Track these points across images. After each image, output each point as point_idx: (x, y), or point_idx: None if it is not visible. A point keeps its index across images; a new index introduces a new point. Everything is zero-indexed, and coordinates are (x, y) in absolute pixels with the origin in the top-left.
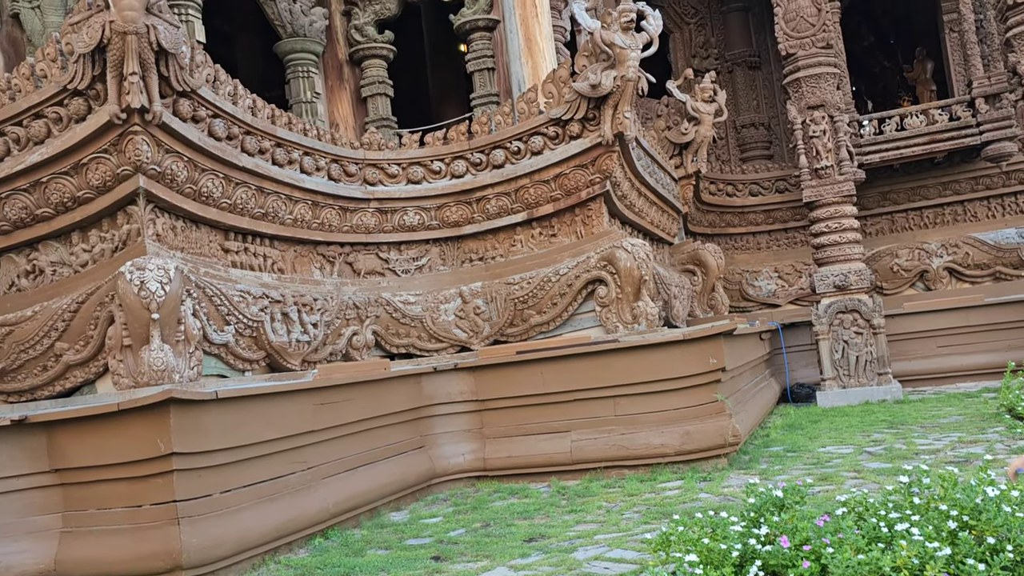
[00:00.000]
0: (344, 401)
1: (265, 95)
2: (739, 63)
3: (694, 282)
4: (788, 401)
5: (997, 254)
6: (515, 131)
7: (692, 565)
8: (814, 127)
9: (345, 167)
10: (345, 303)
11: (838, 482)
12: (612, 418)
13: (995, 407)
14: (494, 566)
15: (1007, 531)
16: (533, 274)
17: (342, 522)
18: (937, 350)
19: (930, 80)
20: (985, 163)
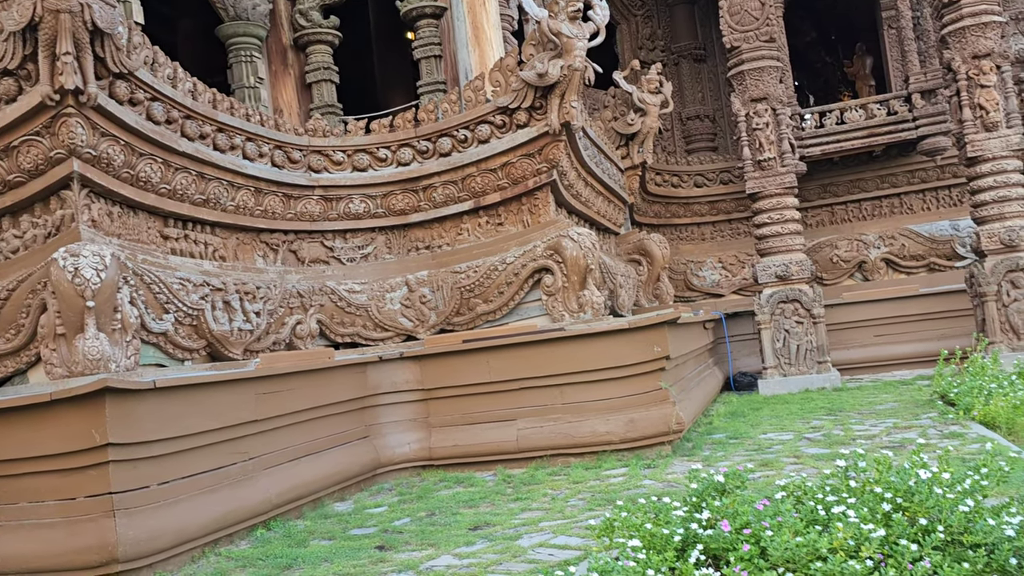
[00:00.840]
0: (287, 391)
1: (207, 80)
2: (685, 55)
3: (640, 272)
4: (731, 389)
5: (932, 246)
6: (462, 119)
7: (635, 550)
8: (757, 119)
9: (289, 154)
10: (289, 292)
11: (778, 467)
12: (558, 406)
13: (928, 394)
14: (439, 554)
15: (938, 512)
16: (480, 263)
17: (285, 513)
18: (874, 339)
19: (869, 75)
20: (921, 157)
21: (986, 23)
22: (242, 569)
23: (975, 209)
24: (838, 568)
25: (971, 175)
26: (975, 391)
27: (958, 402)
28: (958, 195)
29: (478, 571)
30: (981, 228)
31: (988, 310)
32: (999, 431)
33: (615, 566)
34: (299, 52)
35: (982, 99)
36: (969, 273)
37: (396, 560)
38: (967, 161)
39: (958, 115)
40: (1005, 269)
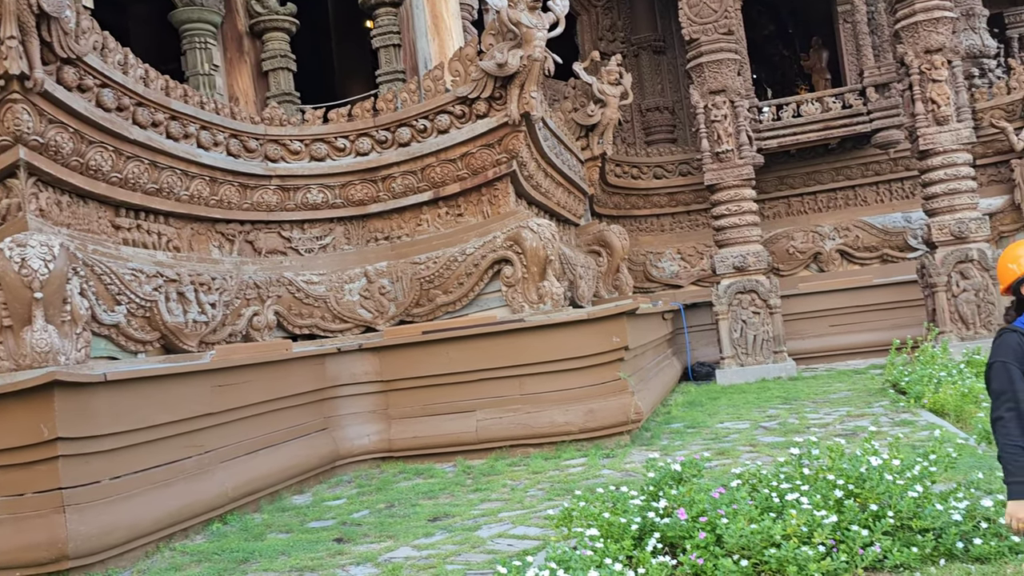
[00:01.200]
0: (244, 383)
1: (160, 67)
2: (645, 47)
3: (599, 263)
4: (690, 379)
5: (885, 237)
6: (421, 109)
7: (593, 539)
8: (715, 112)
9: (245, 142)
10: (245, 282)
11: (735, 456)
12: (517, 397)
13: (881, 383)
14: (398, 546)
15: (888, 498)
16: (439, 254)
17: (242, 506)
18: (829, 329)
19: (825, 69)
20: (875, 150)
21: (938, 18)
22: (197, 564)
23: (926, 201)
24: (791, 554)
25: (923, 168)
26: (925, 380)
27: (909, 390)
28: (910, 187)
29: (437, 562)
30: (932, 220)
31: (938, 300)
32: (948, 418)
33: (573, 555)
34: (255, 39)
35: (934, 93)
36: (920, 264)
37: (354, 552)
38: (919, 154)
39: (911, 109)
40: (955, 260)
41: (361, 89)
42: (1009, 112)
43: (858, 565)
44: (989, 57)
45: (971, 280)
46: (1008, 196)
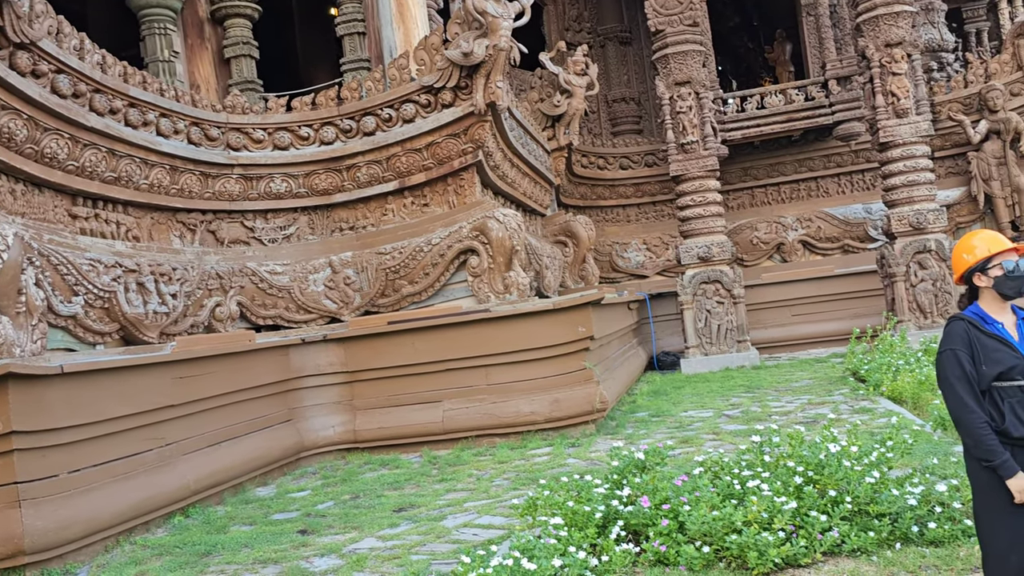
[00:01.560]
0: (206, 374)
1: (119, 53)
2: (611, 38)
3: (565, 253)
4: (655, 368)
5: (846, 228)
6: (386, 98)
7: (557, 528)
8: (681, 103)
9: (206, 131)
10: (207, 273)
11: (698, 444)
12: (484, 387)
13: (841, 371)
14: (362, 537)
15: (847, 484)
16: (405, 244)
17: (205, 499)
18: (792, 318)
19: (788, 61)
20: (836, 142)
21: (898, 12)
22: (158, 558)
23: (886, 193)
24: (752, 540)
25: (883, 160)
26: (884, 368)
27: (868, 378)
28: (871, 179)
29: (401, 553)
30: (892, 211)
31: (897, 290)
32: (906, 405)
33: (537, 544)
34: (216, 25)
35: (894, 86)
36: (880, 255)
37: (319, 544)
38: (879, 146)
39: (871, 101)
40: (913, 251)
41: (325, 77)
42: (966, 105)
43: (817, 550)
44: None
45: (929, 270)
46: (965, 188)
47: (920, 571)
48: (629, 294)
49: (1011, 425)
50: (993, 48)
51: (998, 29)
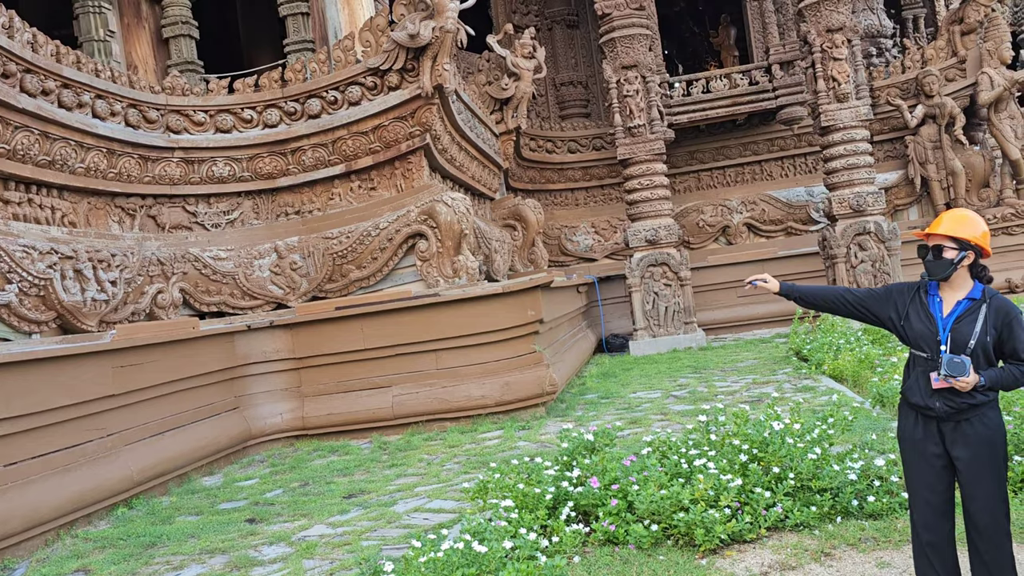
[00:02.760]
0: (148, 363)
1: (51, 32)
2: (558, 21)
3: (515, 237)
4: (604, 351)
5: (789, 211)
6: (332, 80)
7: (508, 510)
8: (628, 86)
9: (145, 113)
10: (148, 259)
11: (646, 424)
12: (434, 372)
13: (785, 351)
14: (312, 524)
15: (790, 461)
16: (352, 228)
17: (149, 490)
18: (737, 300)
19: (733, 46)
20: (780, 126)
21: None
22: (101, 550)
23: (828, 176)
24: (699, 517)
25: (824, 144)
26: (825, 347)
27: (811, 358)
28: (813, 163)
29: (352, 539)
30: (833, 194)
31: (838, 271)
32: (846, 383)
33: (488, 527)
34: (154, 4)
35: (834, 71)
36: (822, 236)
37: (267, 532)
38: (821, 130)
39: (813, 86)
40: (853, 233)
41: (268, 59)
42: (904, 90)
43: (761, 525)
44: (886, 37)
45: (868, 251)
46: (902, 171)
47: (860, 543)
48: (578, 277)
49: (910, 389)
50: (929, 34)
51: (934, 16)
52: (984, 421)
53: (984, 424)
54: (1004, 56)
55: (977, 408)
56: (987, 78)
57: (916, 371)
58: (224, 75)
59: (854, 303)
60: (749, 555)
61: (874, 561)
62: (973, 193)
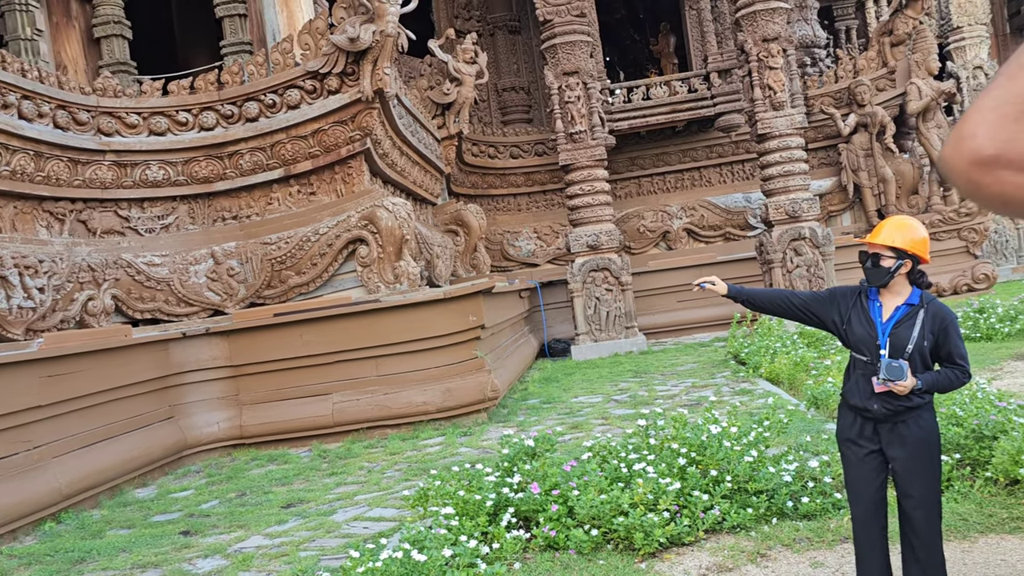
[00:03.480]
0: (77, 372)
1: None
2: (500, 27)
3: (457, 242)
4: (546, 356)
5: (727, 216)
6: (270, 83)
7: (448, 517)
8: (569, 93)
9: (75, 114)
10: (78, 265)
11: (587, 429)
12: (375, 378)
13: (723, 354)
14: (249, 536)
15: (727, 464)
16: (291, 233)
17: (79, 503)
18: (677, 304)
19: (673, 54)
20: (718, 133)
21: (774, 8)
22: (26, 567)
23: (764, 183)
24: (638, 521)
25: (761, 151)
26: (762, 351)
27: (748, 361)
28: (750, 169)
29: (290, 550)
30: (769, 200)
31: (775, 275)
32: (782, 386)
33: (428, 535)
34: (85, 3)
35: (770, 80)
36: (759, 242)
37: (202, 545)
38: (757, 138)
39: (750, 94)
40: (789, 238)
41: (205, 61)
42: (837, 99)
43: (699, 528)
44: (820, 47)
45: (804, 256)
46: (836, 178)
47: (794, 544)
48: (520, 283)
49: (850, 392)
50: (861, 45)
51: (865, 27)
52: (920, 423)
53: (920, 426)
54: (931, 67)
55: (913, 410)
56: (915, 88)
57: (856, 374)
58: (158, 76)
59: (799, 306)
60: (687, 558)
61: (808, 561)
62: (903, 200)
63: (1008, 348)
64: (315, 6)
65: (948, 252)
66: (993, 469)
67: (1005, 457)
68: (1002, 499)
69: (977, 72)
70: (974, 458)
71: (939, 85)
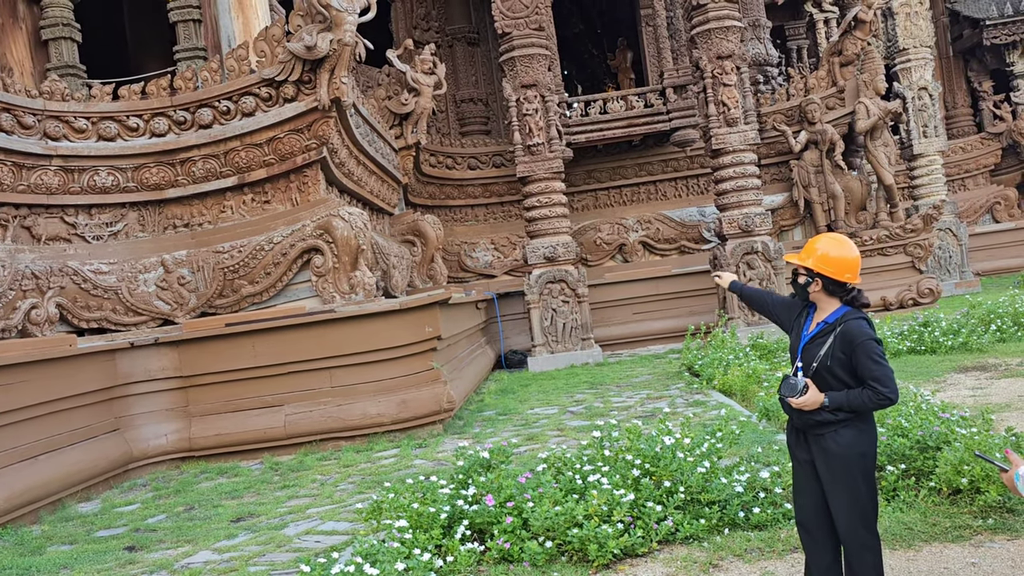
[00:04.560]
0: (17, 383)
1: None
2: (459, 38)
3: (414, 253)
4: (503, 367)
5: (682, 230)
6: (224, 89)
7: (402, 531)
8: (527, 105)
9: (20, 118)
10: (21, 272)
11: (543, 440)
12: (328, 390)
13: (678, 366)
14: (197, 551)
15: (680, 474)
16: (245, 242)
17: (17, 519)
18: (633, 316)
19: (630, 69)
20: (674, 147)
21: (728, 27)
22: None
23: (718, 197)
24: (592, 533)
25: (715, 166)
26: (716, 363)
27: (702, 373)
28: (705, 184)
29: (239, 565)
30: (723, 214)
31: None
32: (735, 398)
33: (381, 548)
34: (32, 4)
35: (724, 96)
36: (713, 255)
37: (148, 560)
38: (712, 153)
39: (704, 110)
40: (742, 252)
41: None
42: (789, 117)
43: (653, 539)
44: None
45: (756, 270)
46: (787, 194)
47: (746, 554)
48: (477, 294)
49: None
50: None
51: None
52: (836, 439)
53: (836, 442)
54: (879, 87)
55: (828, 426)
56: (863, 107)
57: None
58: (109, 81)
59: (771, 306)
60: (641, 569)
61: (759, 571)
62: (852, 215)
63: (951, 361)
64: (272, 13)
65: (895, 267)
66: (936, 479)
67: (948, 467)
68: (945, 508)
69: (922, 93)
70: (919, 468)
71: (886, 105)
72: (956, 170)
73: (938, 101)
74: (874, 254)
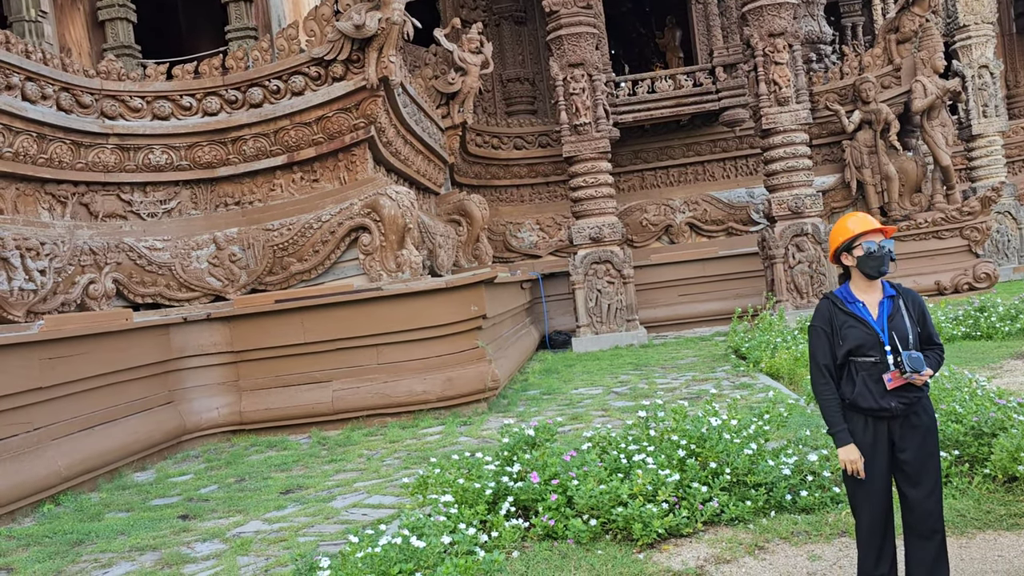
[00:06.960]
0: (77, 355)
1: None
2: (506, 17)
3: (459, 232)
4: (547, 347)
5: (730, 211)
6: (274, 69)
7: (447, 505)
8: (574, 84)
9: (78, 97)
10: (80, 248)
11: (587, 420)
12: (375, 367)
13: (724, 349)
14: (247, 520)
15: (727, 456)
16: (294, 220)
17: (77, 486)
18: (678, 298)
19: (678, 48)
20: (722, 127)
21: (781, 4)
22: (25, 548)
23: (768, 178)
24: (637, 512)
25: (765, 146)
26: (763, 345)
27: (749, 355)
28: (754, 164)
29: (288, 535)
30: (772, 196)
31: (776, 271)
32: (782, 381)
33: (427, 522)
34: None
35: (776, 75)
36: (761, 237)
37: (201, 529)
38: (762, 133)
39: (755, 89)
40: (792, 234)
41: (209, 46)
42: (842, 96)
43: (698, 520)
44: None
45: (805, 252)
46: (839, 175)
47: (792, 537)
48: (522, 274)
49: (860, 396)
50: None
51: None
52: (927, 410)
53: (927, 413)
54: (937, 65)
55: (921, 399)
56: (920, 86)
57: (861, 377)
58: (163, 61)
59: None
60: (685, 549)
61: (806, 554)
62: (906, 198)
63: (1008, 347)
64: None
65: (950, 251)
66: (991, 466)
67: (1004, 454)
68: (1000, 496)
69: (983, 71)
70: (972, 455)
71: (944, 83)
72: (1017, 151)
73: (999, 80)
74: (928, 237)
